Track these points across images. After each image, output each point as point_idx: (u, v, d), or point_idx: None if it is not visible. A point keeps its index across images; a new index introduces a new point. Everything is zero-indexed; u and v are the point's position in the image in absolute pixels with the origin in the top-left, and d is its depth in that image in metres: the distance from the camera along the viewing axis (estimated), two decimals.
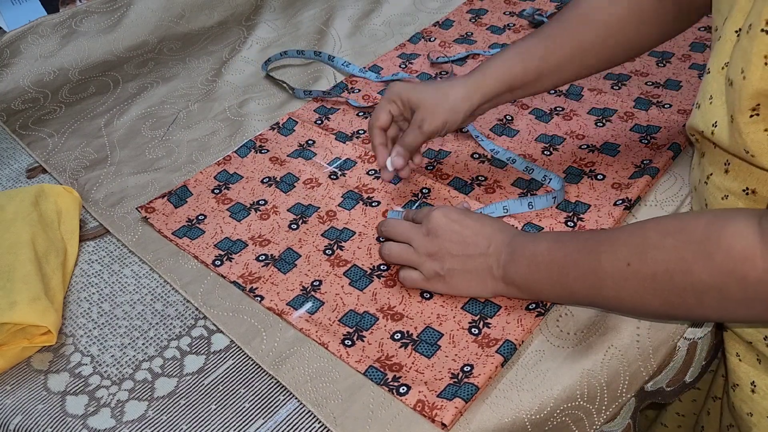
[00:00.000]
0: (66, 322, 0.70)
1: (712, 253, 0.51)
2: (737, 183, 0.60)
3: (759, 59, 0.51)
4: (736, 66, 0.54)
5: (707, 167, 0.65)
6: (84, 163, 0.89)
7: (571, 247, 0.60)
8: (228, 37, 1.12)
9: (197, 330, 0.68)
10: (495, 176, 0.81)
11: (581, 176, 0.80)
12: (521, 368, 0.62)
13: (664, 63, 0.97)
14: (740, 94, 0.53)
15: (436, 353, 0.63)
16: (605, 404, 0.61)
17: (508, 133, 0.87)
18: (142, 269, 0.75)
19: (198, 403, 0.62)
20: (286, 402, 0.61)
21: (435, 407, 0.58)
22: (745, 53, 0.52)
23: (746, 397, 0.65)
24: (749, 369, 0.65)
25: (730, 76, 0.55)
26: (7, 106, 0.98)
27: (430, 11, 1.15)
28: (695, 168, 0.69)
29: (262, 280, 0.71)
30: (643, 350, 0.63)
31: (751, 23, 0.52)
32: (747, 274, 0.49)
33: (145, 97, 1.00)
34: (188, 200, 0.81)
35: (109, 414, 0.61)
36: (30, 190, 0.79)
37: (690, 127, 0.65)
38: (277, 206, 0.80)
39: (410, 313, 0.67)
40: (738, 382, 0.66)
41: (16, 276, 0.68)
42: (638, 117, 0.87)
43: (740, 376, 0.66)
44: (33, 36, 1.07)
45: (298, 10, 1.18)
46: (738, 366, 0.66)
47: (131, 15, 1.11)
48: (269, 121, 0.94)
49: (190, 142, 0.91)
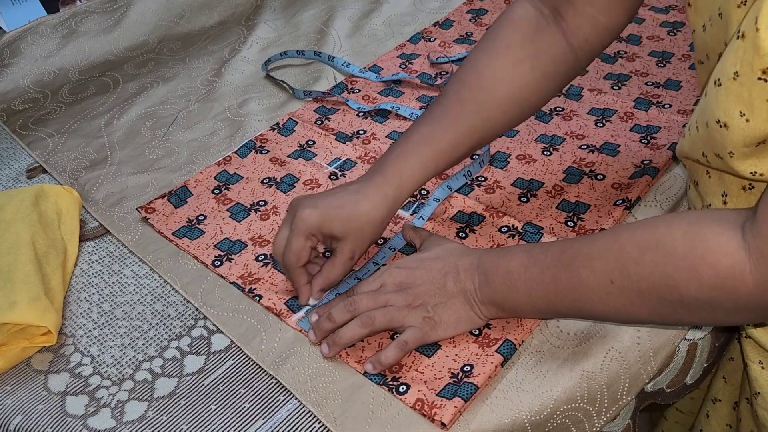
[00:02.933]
0: (66, 322, 0.70)
1: (698, 270, 0.49)
2: None
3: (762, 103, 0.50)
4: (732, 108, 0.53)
5: (705, 197, 0.64)
6: (84, 163, 0.89)
7: (546, 262, 0.58)
8: (228, 37, 1.12)
9: (197, 330, 0.68)
10: (495, 176, 0.81)
11: (581, 176, 0.80)
12: (521, 369, 0.62)
13: (664, 63, 0.97)
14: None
15: (437, 353, 0.63)
16: (605, 406, 0.61)
17: (508, 133, 0.87)
18: (142, 269, 0.75)
19: (198, 403, 0.62)
20: (286, 402, 0.61)
21: (434, 406, 0.58)
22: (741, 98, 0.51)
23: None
24: None
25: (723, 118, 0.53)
26: (7, 106, 0.98)
27: (430, 11, 1.15)
28: (692, 190, 0.68)
29: (262, 281, 0.71)
30: (643, 353, 0.63)
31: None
32: (737, 289, 0.48)
33: (145, 97, 1.00)
34: (188, 200, 0.81)
35: (109, 414, 0.61)
36: (30, 190, 0.78)
37: (681, 153, 0.64)
38: (277, 207, 0.80)
39: None
40: (760, 390, 0.65)
41: (16, 276, 0.68)
42: (638, 117, 0.87)
43: (762, 384, 0.64)
44: (33, 36, 1.06)
45: (298, 10, 1.18)
46: (760, 374, 0.65)
47: (131, 15, 1.11)
48: (269, 121, 0.94)
49: (190, 142, 0.91)
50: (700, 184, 0.65)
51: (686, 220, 0.52)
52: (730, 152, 0.54)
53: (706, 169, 0.62)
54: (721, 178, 0.61)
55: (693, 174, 0.66)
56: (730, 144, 0.53)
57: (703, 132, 0.57)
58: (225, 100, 0.98)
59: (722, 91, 0.52)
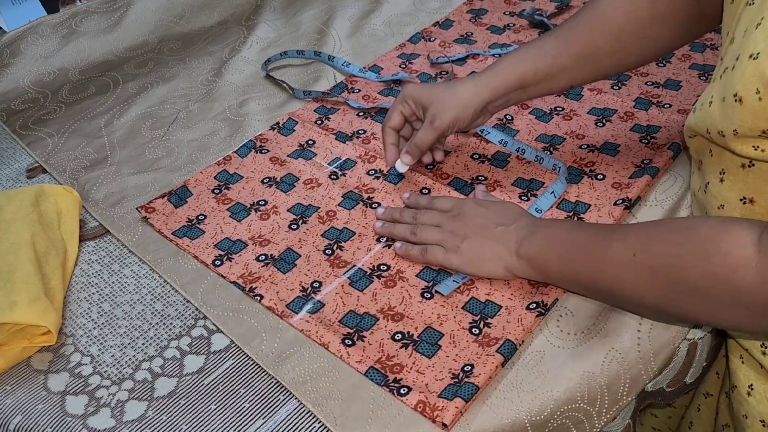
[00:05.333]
0: (66, 322, 0.70)
1: (710, 256, 0.51)
2: (734, 192, 0.61)
3: None
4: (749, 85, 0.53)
5: (705, 175, 0.65)
6: (84, 163, 0.89)
7: (588, 232, 0.62)
8: (228, 37, 1.12)
9: (197, 330, 0.68)
10: (495, 176, 0.81)
11: (581, 176, 0.80)
12: (521, 369, 0.62)
13: (664, 63, 0.97)
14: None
15: (437, 353, 0.63)
16: (606, 407, 0.61)
17: (509, 132, 0.87)
18: (142, 269, 0.75)
19: (198, 403, 0.62)
20: (286, 402, 0.61)
21: (436, 408, 0.58)
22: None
23: (742, 399, 0.66)
24: (750, 372, 0.65)
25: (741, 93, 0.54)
26: (7, 106, 0.98)
27: (430, 11, 1.15)
28: (695, 173, 0.69)
29: (262, 280, 0.71)
30: (643, 353, 0.63)
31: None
32: (739, 282, 0.50)
33: (145, 97, 1.00)
34: (188, 200, 0.81)
35: (109, 414, 0.61)
36: (30, 190, 0.78)
37: (689, 128, 0.65)
38: (277, 206, 0.80)
39: (411, 313, 0.67)
40: (737, 383, 0.66)
41: (16, 276, 0.68)
42: (638, 117, 0.87)
43: (740, 378, 0.66)
44: (33, 36, 1.06)
45: (298, 10, 1.18)
46: (739, 368, 0.66)
47: (131, 15, 1.11)
48: (269, 121, 0.94)
49: (190, 142, 0.91)
50: (704, 163, 0.65)
51: (720, 218, 0.55)
52: (735, 130, 0.55)
53: (709, 147, 0.63)
54: (722, 156, 0.62)
55: (698, 153, 0.67)
56: (738, 121, 0.54)
57: (717, 107, 0.57)
58: (225, 100, 0.98)
59: (751, 65, 0.52)
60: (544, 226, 0.66)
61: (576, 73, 0.74)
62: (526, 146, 0.82)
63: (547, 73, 0.74)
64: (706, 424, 0.78)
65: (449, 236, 0.69)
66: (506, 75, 0.74)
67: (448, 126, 0.75)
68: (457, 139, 0.87)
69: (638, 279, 0.56)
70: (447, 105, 0.75)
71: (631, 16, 0.71)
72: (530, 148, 0.82)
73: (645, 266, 0.56)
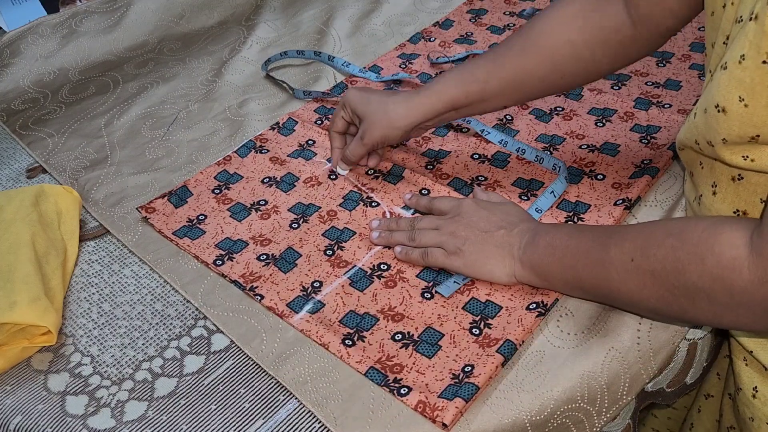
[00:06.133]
0: (66, 322, 0.70)
1: (705, 257, 0.52)
2: (726, 205, 0.61)
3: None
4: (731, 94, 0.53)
5: (697, 188, 0.65)
6: (84, 163, 0.89)
7: (587, 237, 0.62)
8: (228, 37, 1.12)
9: (197, 330, 0.68)
10: (495, 176, 0.81)
11: (581, 176, 0.80)
12: (521, 369, 0.62)
13: (664, 63, 0.97)
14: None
15: (437, 353, 0.63)
16: (606, 406, 0.61)
17: (508, 132, 0.87)
18: (142, 269, 0.75)
19: (198, 403, 0.62)
20: (286, 402, 0.61)
21: (436, 408, 0.58)
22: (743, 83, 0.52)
23: (747, 401, 0.65)
24: (754, 374, 0.65)
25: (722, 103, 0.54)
26: (7, 106, 0.98)
27: (430, 11, 1.15)
28: (687, 182, 0.69)
29: (263, 279, 0.71)
30: (643, 353, 0.63)
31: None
32: (733, 282, 0.51)
33: (145, 97, 1.00)
34: (188, 200, 0.81)
35: (109, 414, 0.61)
36: (30, 190, 0.78)
37: (678, 141, 0.65)
38: (278, 206, 0.80)
39: (411, 313, 0.67)
40: (741, 386, 0.66)
41: (16, 276, 0.68)
42: (638, 117, 0.87)
43: (744, 380, 0.66)
44: (33, 36, 1.06)
45: (298, 10, 1.18)
46: (743, 370, 0.66)
47: (131, 15, 1.11)
48: (269, 121, 0.94)
49: (190, 142, 0.91)
50: (695, 175, 0.66)
51: (713, 218, 0.55)
52: (723, 139, 0.55)
53: (699, 160, 0.64)
54: (712, 169, 0.62)
55: (689, 165, 0.67)
56: (725, 130, 0.54)
57: (700, 119, 0.58)
58: (225, 100, 0.98)
59: (725, 75, 0.53)
60: (546, 231, 0.65)
61: (508, 96, 0.75)
62: (527, 146, 0.82)
63: (479, 96, 0.74)
64: (707, 425, 0.78)
65: (449, 238, 0.69)
66: (438, 97, 0.75)
67: (376, 143, 0.78)
68: (457, 139, 0.87)
69: (640, 283, 0.57)
70: (377, 123, 0.77)
71: (564, 39, 0.71)
72: (530, 148, 0.82)
73: (645, 270, 0.56)
